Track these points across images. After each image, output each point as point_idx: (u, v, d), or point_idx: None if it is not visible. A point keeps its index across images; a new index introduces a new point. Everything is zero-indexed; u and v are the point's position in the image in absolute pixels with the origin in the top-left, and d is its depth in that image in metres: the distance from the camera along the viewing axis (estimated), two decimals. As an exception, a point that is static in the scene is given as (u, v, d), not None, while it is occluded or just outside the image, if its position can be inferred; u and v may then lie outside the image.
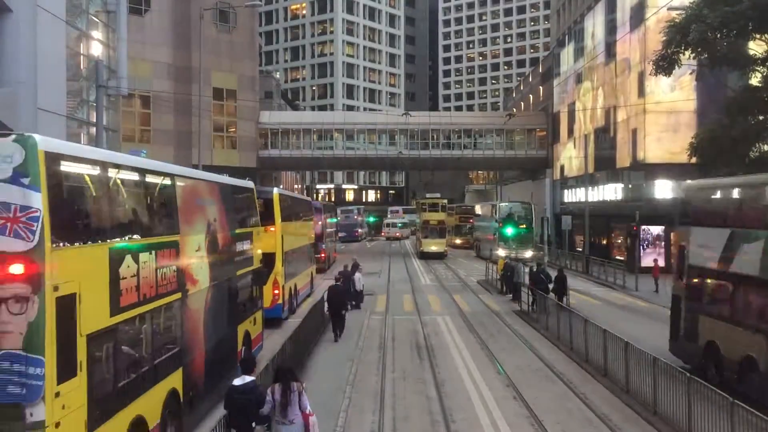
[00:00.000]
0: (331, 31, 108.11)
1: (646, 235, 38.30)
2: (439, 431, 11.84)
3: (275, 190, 23.13)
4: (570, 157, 53.37)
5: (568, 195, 52.80)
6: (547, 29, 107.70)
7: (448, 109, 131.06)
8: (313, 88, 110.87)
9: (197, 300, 11.44)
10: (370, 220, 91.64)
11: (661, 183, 37.93)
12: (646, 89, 37.97)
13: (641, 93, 38.72)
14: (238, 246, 14.65)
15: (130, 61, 30.51)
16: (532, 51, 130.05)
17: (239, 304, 14.53)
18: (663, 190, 37.91)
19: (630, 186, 41.26)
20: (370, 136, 59.46)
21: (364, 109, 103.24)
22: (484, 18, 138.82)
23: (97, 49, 29.93)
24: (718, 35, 22.99)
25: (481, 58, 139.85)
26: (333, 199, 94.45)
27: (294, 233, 25.53)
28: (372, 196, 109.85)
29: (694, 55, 24.15)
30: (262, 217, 18.33)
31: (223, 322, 13.11)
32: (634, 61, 40.19)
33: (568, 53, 55.33)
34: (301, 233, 28.17)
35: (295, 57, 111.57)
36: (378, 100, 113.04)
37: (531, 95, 70.91)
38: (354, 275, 25.09)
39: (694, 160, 26.76)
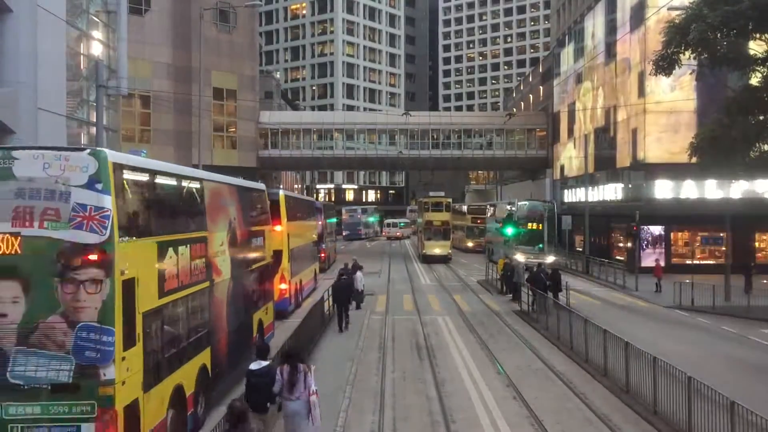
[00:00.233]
0: (332, 31, 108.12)
1: (646, 235, 38.34)
2: (439, 431, 11.85)
3: (281, 192, 24.14)
4: (570, 157, 53.38)
5: (568, 195, 52.81)
6: (547, 29, 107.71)
7: (448, 109, 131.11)
8: (313, 88, 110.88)
9: (221, 289, 12.90)
10: (370, 220, 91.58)
11: (661, 183, 37.94)
12: (646, 89, 37.97)
13: (641, 93, 38.72)
14: (253, 242, 16.14)
15: (130, 61, 30.51)
16: (532, 51, 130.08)
17: (254, 295, 15.97)
18: (663, 190, 37.95)
19: (630, 186, 41.26)
20: (370, 136, 59.47)
21: (364, 109, 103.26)
22: (484, 18, 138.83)
23: (97, 49, 29.93)
24: (718, 35, 22.97)
25: (481, 58, 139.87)
26: (333, 199, 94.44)
27: (299, 232, 26.82)
28: (372, 196, 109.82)
29: (694, 55, 24.12)
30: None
31: (241, 310, 14.56)
32: (634, 61, 40.19)
33: (568, 53, 55.33)
34: (306, 232, 29.44)
35: (295, 57, 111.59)
36: (378, 100, 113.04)
37: (531, 95, 70.94)
38: (355, 275, 25.12)
39: (694, 160, 26.76)
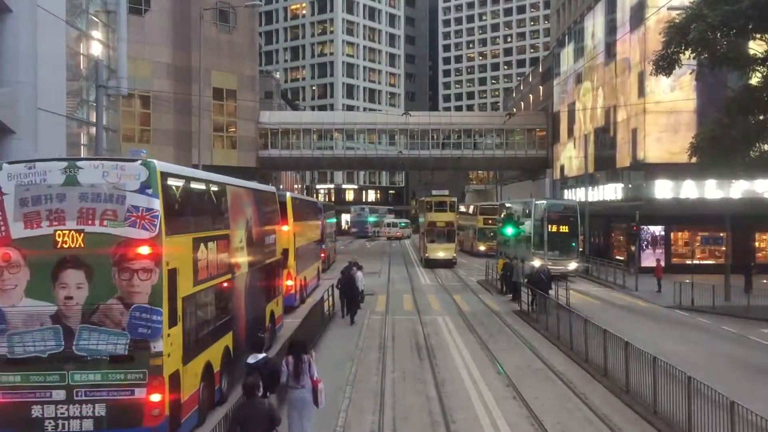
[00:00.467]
0: (331, 31, 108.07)
1: (646, 235, 38.34)
2: (439, 431, 11.85)
3: (288, 194, 25.92)
4: (570, 157, 53.38)
5: (568, 195, 52.78)
6: (547, 29, 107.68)
7: (448, 109, 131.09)
8: (313, 88, 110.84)
9: (240, 281, 14.50)
10: (369, 220, 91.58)
11: (661, 183, 37.95)
12: (646, 89, 37.96)
13: (641, 93, 38.72)
14: (265, 240, 17.67)
15: (130, 61, 30.52)
16: (532, 51, 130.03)
17: (267, 288, 17.60)
18: (663, 190, 37.95)
19: (630, 186, 41.26)
20: (370, 136, 59.47)
21: (364, 109, 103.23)
22: (484, 18, 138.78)
23: (97, 49, 29.92)
24: (718, 34, 22.97)
25: (481, 58, 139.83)
26: (333, 199, 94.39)
27: (304, 232, 28.45)
28: (372, 196, 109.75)
29: (694, 55, 24.12)
30: None
31: (256, 301, 16.15)
32: (634, 61, 40.19)
33: (568, 53, 55.32)
34: (310, 232, 31.16)
35: (295, 57, 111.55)
36: (378, 100, 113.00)
37: (531, 95, 70.94)
38: (355, 275, 25.12)
39: (694, 160, 26.76)
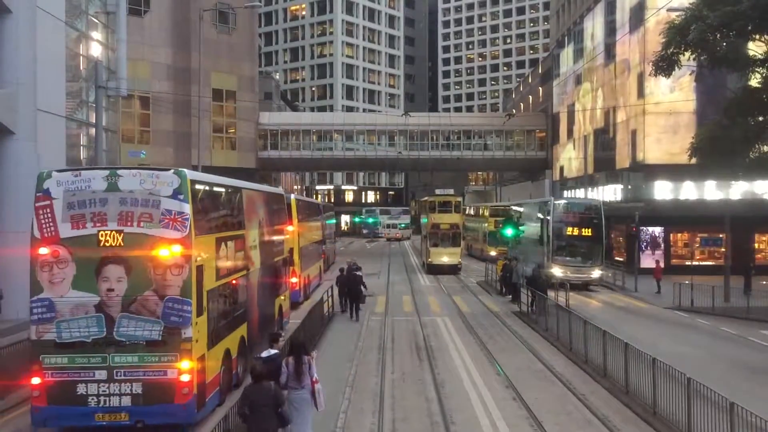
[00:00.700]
0: (331, 32, 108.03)
1: (645, 236, 38.32)
2: (439, 432, 11.84)
3: (292, 196, 27.52)
4: (569, 158, 53.39)
5: (568, 196, 52.78)
6: (546, 30, 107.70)
7: (447, 110, 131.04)
8: (313, 89, 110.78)
9: (254, 277, 15.81)
10: (369, 221, 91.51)
11: (661, 184, 37.94)
12: (645, 90, 37.98)
13: (641, 94, 38.73)
14: (275, 239, 18.93)
15: (130, 62, 30.50)
16: (532, 52, 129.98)
17: (276, 283, 18.91)
18: (662, 191, 37.94)
19: (629, 187, 41.25)
20: (369, 137, 59.47)
21: (364, 110, 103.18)
22: (484, 19, 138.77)
23: (96, 50, 29.91)
24: (718, 35, 22.99)
25: (480, 59, 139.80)
26: (332, 200, 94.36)
27: (307, 232, 29.90)
28: (371, 197, 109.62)
29: (694, 56, 24.14)
30: None
31: (267, 295, 17.50)
32: (633, 62, 40.20)
33: (567, 54, 55.34)
34: (313, 232, 32.69)
35: (295, 58, 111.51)
36: (377, 101, 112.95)
37: (530, 96, 70.94)
38: (356, 276, 25.14)
39: (694, 161, 26.76)
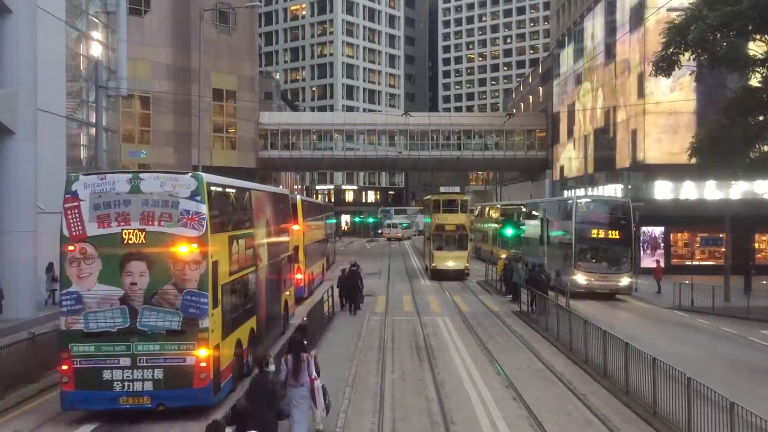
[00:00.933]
0: (331, 32, 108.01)
1: (645, 236, 38.32)
2: (439, 432, 11.83)
3: (298, 197, 28.83)
4: (570, 157, 53.40)
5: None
6: (546, 30, 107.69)
7: (447, 109, 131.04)
8: (313, 88, 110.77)
9: (262, 273, 16.71)
10: (369, 221, 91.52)
11: (661, 184, 37.95)
12: (645, 90, 37.99)
13: (641, 94, 38.74)
14: (281, 237, 19.86)
15: (130, 61, 30.53)
16: (532, 52, 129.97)
17: (282, 279, 19.85)
18: (663, 191, 37.95)
19: (630, 187, 41.28)
20: (369, 136, 59.47)
21: (364, 109, 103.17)
22: (484, 19, 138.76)
23: (96, 50, 29.94)
24: (718, 35, 22.99)
25: (480, 59, 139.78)
26: (333, 199, 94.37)
27: (311, 231, 31.03)
28: (372, 196, 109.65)
29: (694, 56, 24.14)
30: None
31: (274, 290, 18.43)
32: (633, 62, 40.21)
33: (567, 54, 55.34)
34: (317, 231, 33.89)
35: (295, 58, 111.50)
36: (378, 100, 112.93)
37: (531, 96, 70.94)
38: (357, 276, 25.21)
39: (694, 160, 26.77)
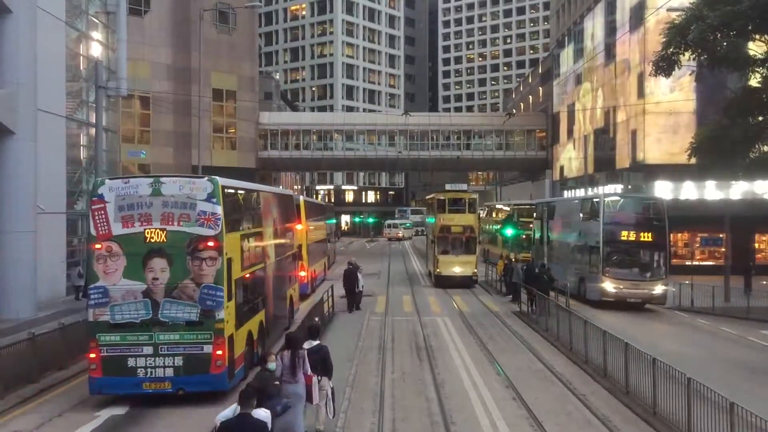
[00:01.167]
0: (331, 32, 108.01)
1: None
2: (439, 432, 11.83)
3: (301, 198, 29.79)
4: (569, 157, 53.39)
5: (568, 196, 52.78)
6: (546, 30, 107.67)
7: (447, 109, 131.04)
8: (313, 89, 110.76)
9: (270, 269, 17.80)
10: (369, 221, 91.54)
11: (661, 184, 37.93)
12: (645, 90, 37.98)
13: (641, 94, 38.74)
14: (287, 236, 21.02)
15: (130, 62, 30.50)
16: (532, 52, 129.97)
17: (288, 276, 21.04)
18: (662, 191, 37.92)
19: (629, 187, 41.26)
20: (369, 136, 59.47)
21: (364, 109, 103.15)
22: (484, 19, 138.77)
23: (96, 50, 29.94)
24: (718, 35, 23.00)
25: (480, 59, 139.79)
26: (333, 200, 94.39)
27: (314, 230, 32.05)
28: (371, 197, 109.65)
29: (694, 56, 24.15)
30: None
31: (280, 286, 19.56)
32: (633, 62, 40.20)
33: (567, 54, 55.33)
34: (319, 230, 34.98)
35: (295, 58, 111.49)
36: (377, 101, 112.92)
37: (531, 96, 70.92)
38: (356, 275, 25.18)
39: (694, 161, 26.77)
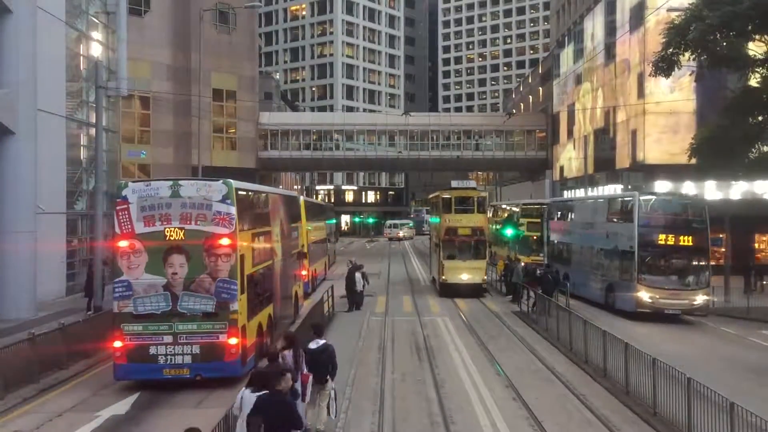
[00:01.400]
0: (331, 32, 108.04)
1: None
2: (439, 432, 11.83)
3: (301, 198, 29.98)
4: (570, 158, 53.38)
5: (568, 196, 52.78)
6: (546, 30, 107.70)
7: (447, 109, 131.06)
8: (313, 89, 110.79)
9: (277, 266, 18.83)
10: (369, 221, 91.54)
11: (661, 184, 37.91)
12: (645, 90, 37.97)
13: (641, 94, 38.72)
14: (292, 235, 21.99)
15: (130, 62, 30.51)
16: (532, 52, 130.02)
17: (293, 273, 22.01)
18: (663, 191, 37.89)
19: (629, 187, 41.24)
20: (369, 137, 59.46)
21: (364, 110, 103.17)
22: (484, 19, 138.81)
23: (96, 50, 29.95)
24: (718, 35, 22.99)
25: (480, 59, 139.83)
26: (333, 200, 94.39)
27: (314, 230, 32.63)
28: (371, 197, 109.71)
29: (694, 56, 24.14)
30: None
31: (287, 283, 20.53)
32: (633, 62, 40.19)
33: (567, 54, 55.33)
34: (319, 230, 35.55)
35: (295, 58, 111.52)
36: (377, 101, 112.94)
37: (531, 96, 70.92)
38: (354, 275, 25.21)
39: (694, 161, 26.76)
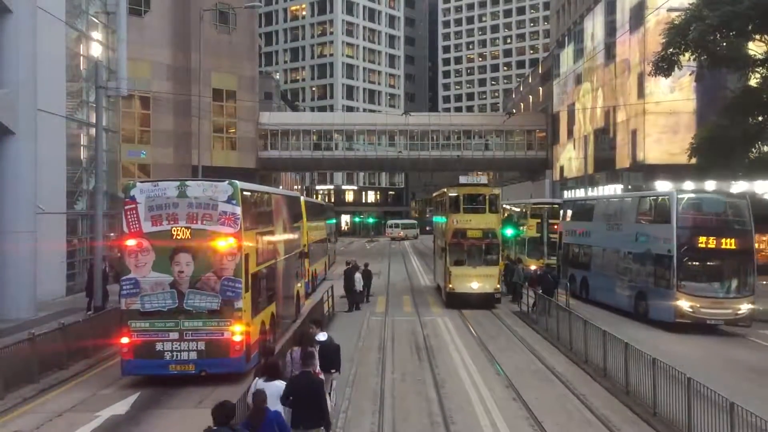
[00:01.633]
0: (331, 32, 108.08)
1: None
2: (439, 432, 11.82)
3: (302, 198, 30.10)
4: (570, 158, 53.40)
5: (568, 196, 52.77)
6: (546, 30, 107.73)
7: (447, 109, 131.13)
8: (313, 89, 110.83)
9: (280, 265, 19.11)
10: (369, 221, 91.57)
11: (661, 184, 37.92)
12: (645, 90, 37.99)
13: (641, 94, 38.74)
14: (294, 234, 22.44)
15: (130, 62, 30.48)
16: (532, 52, 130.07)
17: (295, 272, 22.41)
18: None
19: (629, 187, 41.24)
20: (369, 136, 59.51)
21: (364, 109, 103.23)
22: (484, 19, 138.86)
23: (96, 50, 29.95)
24: (718, 35, 23.02)
25: (480, 59, 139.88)
26: (333, 200, 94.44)
27: (315, 230, 32.92)
28: (372, 197, 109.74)
29: (694, 56, 24.16)
30: None
31: (289, 282, 20.76)
32: (633, 62, 40.21)
33: (567, 54, 55.35)
34: (319, 230, 35.62)
35: (295, 58, 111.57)
36: (377, 101, 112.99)
37: (531, 96, 70.95)
38: (354, 275, 25.23)
39: (694, 161, 26.78)
